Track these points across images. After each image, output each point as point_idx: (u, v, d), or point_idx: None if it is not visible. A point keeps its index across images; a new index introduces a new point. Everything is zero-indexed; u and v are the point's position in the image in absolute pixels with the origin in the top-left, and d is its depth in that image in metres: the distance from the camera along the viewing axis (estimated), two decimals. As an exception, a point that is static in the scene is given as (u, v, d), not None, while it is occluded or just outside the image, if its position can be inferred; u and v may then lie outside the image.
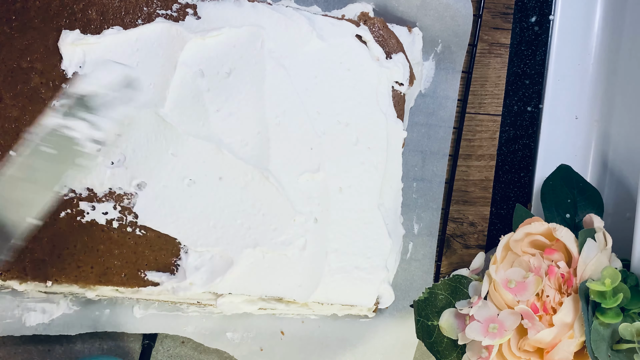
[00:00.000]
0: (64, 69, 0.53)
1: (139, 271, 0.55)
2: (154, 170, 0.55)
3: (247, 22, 0.57)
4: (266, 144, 0.57)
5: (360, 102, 0.59)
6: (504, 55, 0.72)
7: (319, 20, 0.59)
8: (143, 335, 0.64)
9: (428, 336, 0.58)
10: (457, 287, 0.58)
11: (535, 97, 0.73)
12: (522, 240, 0.57)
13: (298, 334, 0.65)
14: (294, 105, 0.58)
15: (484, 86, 0.72)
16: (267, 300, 0.59)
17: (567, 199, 0.64)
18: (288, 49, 0.58)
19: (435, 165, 0.68)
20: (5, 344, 0.61)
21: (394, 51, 0.61)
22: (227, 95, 0.56)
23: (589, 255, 0.55)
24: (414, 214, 0.68)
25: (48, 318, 0.59)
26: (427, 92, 0.67)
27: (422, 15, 0.64)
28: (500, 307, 0.55)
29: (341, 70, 0.59)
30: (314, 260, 0.58)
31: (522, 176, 0.73)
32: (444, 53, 0.67)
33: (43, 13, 0.53)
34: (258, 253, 0.57)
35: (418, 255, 0.68)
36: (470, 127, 0.71)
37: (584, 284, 0.53)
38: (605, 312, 0.52)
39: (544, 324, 0.53)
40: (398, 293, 0.66)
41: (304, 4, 0.62)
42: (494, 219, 0.73)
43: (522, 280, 0.54)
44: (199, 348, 0.65)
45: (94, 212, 0.54)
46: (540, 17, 0.72)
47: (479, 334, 0.54)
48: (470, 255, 0.72)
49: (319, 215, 0.58)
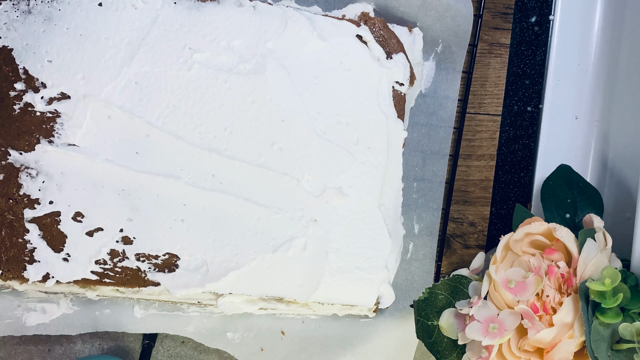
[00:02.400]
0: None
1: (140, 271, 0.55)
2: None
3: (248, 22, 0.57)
4: (267, 143, 0.57)
5: (360, 102, 0.60)
6: (504, 55, 0.72)
7: (319, 21, 0.59)
8: (143, 335, 0.64)
9: (428, 336, 0.58)
10: (457, 287, 0.58)
11: (535, 97, 0.73)
12: (522, 240, 0.57)
13: (298, 334, 0.65)
14: (294, 106, 0.58)
15: (484, 86, 0.72)
16: (268, 300, 0.59)
17: (567, 199, 0.64)
18: (288, 49, 0.58)
19: (435, 165, 0.68)
20: (5, 344, 0.61)
21: (394, 51, 0.61)
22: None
23: (589, 255, 0.55)
24: (415, 214, 0.68)
25: (48, 318, 0.59)
26: (428, 92, 0.67)
27: (422, 16, 0.64)
28: (500, 307, 0.55)
29: (342, 71, 0.59)
30: (314, 260, 0.58)
31: (522, 176, 0.73)
32: (445, 53, 0.67)
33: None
34: (259, 254, 0.57)
35: (418, 255, 0.68)
36: (470, 127, 0.71)
37: (584, 284, 0.53)
38: (605, 312, 0.52)
39: (544, 324, 0.53)
40: (398, 293, 0.66)
41: (304, 4, 0.62)
42: (494, 219, 0.73)
43: (522, 280, 0.54)
44: (199, 348, 0.65)
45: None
46: (540, 17, 0.73)
47: (479, 334, 0.54)
48: (470, 255, 0.72)
49: (319, 216, 0.58)
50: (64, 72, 0.53)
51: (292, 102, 0.58)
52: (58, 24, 0.53)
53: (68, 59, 0.53)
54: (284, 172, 0.57)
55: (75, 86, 0.53)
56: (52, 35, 0.53)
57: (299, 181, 0.58)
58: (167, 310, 0.62)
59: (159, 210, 0.55)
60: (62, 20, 0.53)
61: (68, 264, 0.53)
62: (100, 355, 0.62)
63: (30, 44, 0.52)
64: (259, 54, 0.57)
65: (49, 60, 0.53)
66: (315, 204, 0.58)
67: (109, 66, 0.54)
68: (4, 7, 0.52)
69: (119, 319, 0.61)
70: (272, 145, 0.57)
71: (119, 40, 0.54)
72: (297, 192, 0.58)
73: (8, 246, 0.52)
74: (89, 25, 0.54)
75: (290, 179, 0.57)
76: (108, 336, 0.63)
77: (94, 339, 0.63)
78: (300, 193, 0.58)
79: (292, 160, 0.57)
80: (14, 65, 0.52)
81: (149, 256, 0.55)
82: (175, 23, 0.55)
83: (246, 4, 0.57)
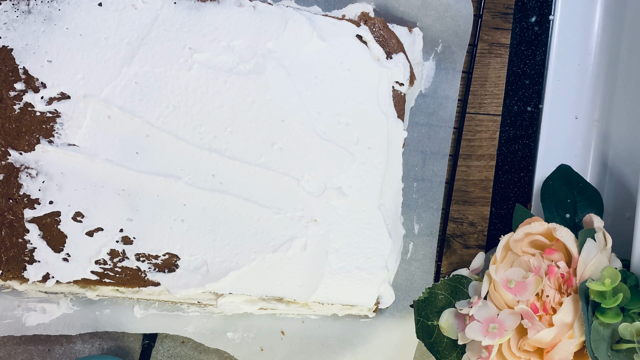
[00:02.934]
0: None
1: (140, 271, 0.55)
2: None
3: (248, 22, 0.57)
4: (267, 143, 0.57)
5: (360, 102, 0.60)
6: (504, 55, 0.72)
7: (319, 21, 0.59)
8: (143, 335, 0.64)
9: (428, 336, 0.58)
10: (457, 287, 0.58)
11: (535, 97, 0.73)
12: (522, 240, 0.57)
13: (298, 334, 0.65)
14: (294, 106, 0.58)
15: (484, 86, 0.72)
16: (268, 300, 0.59)
17: (567, 199, 0.64)
18: (288, 49, 0.58)
19: (435, 165, 0.68)
20: (5, 344, 0.61)
21: (394, 51, 0.61)
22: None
23: (589, 255, 0.55)
24: (415, 214, 0.68)
25: (48, 318, 0.59)
26: (428, 92, 0.67)
27: (422, 16, 0.64)
28: (500, 307, 0.55)
29: (342, 71, 0.59)
30: (314, 260, 0.58)
31: (522, 176, 0.73)
32: (444, 53, 0.67)
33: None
34: (259, 254, 0.57)
35: (418, 255, 0.68)
36: (470, 127, 0.71)
37: (583, 284, 0.53)
38: (605, 312, 0.52)
39: (544, 324, 0.53)
40: (398, 293, 0.66)
41: (304, 4, 0.62)
42: (494, 219, 0.73)
43: (522, 280, 0.54)
44: (199, 348, 0.65)
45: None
46: (540, 17, 0.73)
47: (479, 334, 0.54)
48: (470, 255, 0.72)
49: (319, 216, 0.58)
50: (63, 72, 0.53)
51: (292, 102, 0.58)
52: (58, 24, 0.53)
53: (68, 59, 0.53)
54: (284, 172, 0.57)
55: (75, 86, 0.53)
56: (52, 35, 0.53)
57: (299, 181, 0.58)
58: (167, 310, 0.62)
59: (159, 211, 0.55)
60: (62, 20, 0.53)
61: (68, 264, 0.53)
62: (100, 355, 0.62)
63: (30, 44, 0.52)
64: (259, 54, 0.57)
65: (49, 60, 0.53)
66: (315, 204, 0.58)
67: (109, 66, 0.54)
68: (4, 7, 0.52)
69: (119, 319, 0.61)
70: (272, 146, 0.57)
71: (119, 40, 0.54)
72: (297, 192, 0.58)
73: (8, 246, 0.52)
74: (89, 25, 0.54)
75: (290, 179, 0.57)
76: (108, 336, 0.63)
77: (94, 339, 0.63)
78: (300, 193, 0.58)
79: (292, 160, 0.57)
80: (14, 65, 0.52)
81: (149, 256, 0.55)
82: (175, 23, 0.55)
83: (246, 4, 0.57)
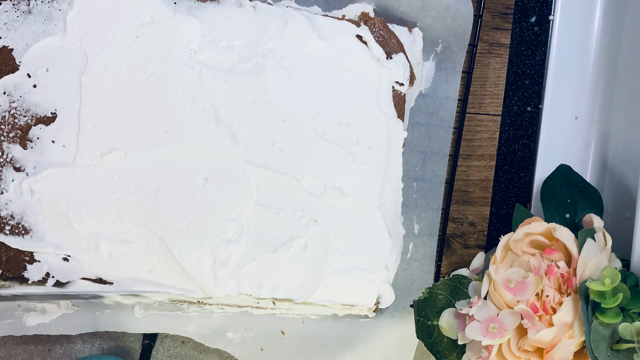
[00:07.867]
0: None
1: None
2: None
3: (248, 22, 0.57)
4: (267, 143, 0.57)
5: (360, 102, 0.60)
6: (504, 55, 0.72)
7: (319, 21, 0.59)
8: (143, 335, 0.64)
9: (428, 336, 0.58)
10: (457, 287, 0.58)
11: (535, 97, 0.73)
12: (522, 240, 0.57)
13: (298, 334, 0.65)
14: (294, 106, 0.58)
15: (484, 86, 0.72)
16: (268, 300, 0.59)
17: (567, 199, 0.64)
18: (289, 49, 0.58)
19: (435, 165, 0.68)
20: (6, 344, 0.61)
21: (394, 51, 0.61)
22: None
23: (588, 255, 0.55)
24: (414, 214, 0.68)
25: (48, 318, 0.59)
26: (428, 92, 0.67)
27: (422, 16, 0.64)
28: (500, 307, 0.55)
29: (342, 71, 0.59)
30: (314, 260, 0.58)
31: (522, 176, 0.73)
32: (444, 53, 0.67)
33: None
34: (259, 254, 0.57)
35: (418, 255, 0.68)
36: (470, 127, 0.71)
37: (583, 284, 0.53)
38: (605, 312, 0.52)
39: (544, 323, 0.53)
40: (398, 293, 0.66)
41: (304, 4, 0.62)
42: (494, 219, 0.73)
43: (522, 280, 0.54)
44: (199, 348, 0.65)
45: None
46: (540, 17, 0.73)
47: (478, 333, 0.54)
48: (470, 255, 0.72)
49: (320, 216, 0.58)
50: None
51: (292, 102, 0.58)
52: (58, 24, 0.53)
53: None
54: (284, 172, 0.57)
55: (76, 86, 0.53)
56: (52, 35, 0.53)
57: (299, 181, 0.58)
58: (167, 310, 0.62)
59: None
60: (62, 20, 0.53)
61: (68, 264, 0.53)
62: (100, 355, 0.62)
63: (30, 44, 0.52)
64: (259, 54, 0.57)
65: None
66: (315, 204, 0.58)
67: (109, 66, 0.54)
68: (4, 7, 0.52)
69: (119, 318, 0.61)
70: (272, 146, 0.57)
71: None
72: (297, 192, 0.58)
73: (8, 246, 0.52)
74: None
75: (291, 179, 0.57)
76: (108, 336, 0.63)
77: (94, 339, 0.63)
78: (300, 193, 0.58)
79: (292, 160, 0.57)
80: (14, 65, 0.52)
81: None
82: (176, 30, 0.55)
83: (246, 4, 0.57)
